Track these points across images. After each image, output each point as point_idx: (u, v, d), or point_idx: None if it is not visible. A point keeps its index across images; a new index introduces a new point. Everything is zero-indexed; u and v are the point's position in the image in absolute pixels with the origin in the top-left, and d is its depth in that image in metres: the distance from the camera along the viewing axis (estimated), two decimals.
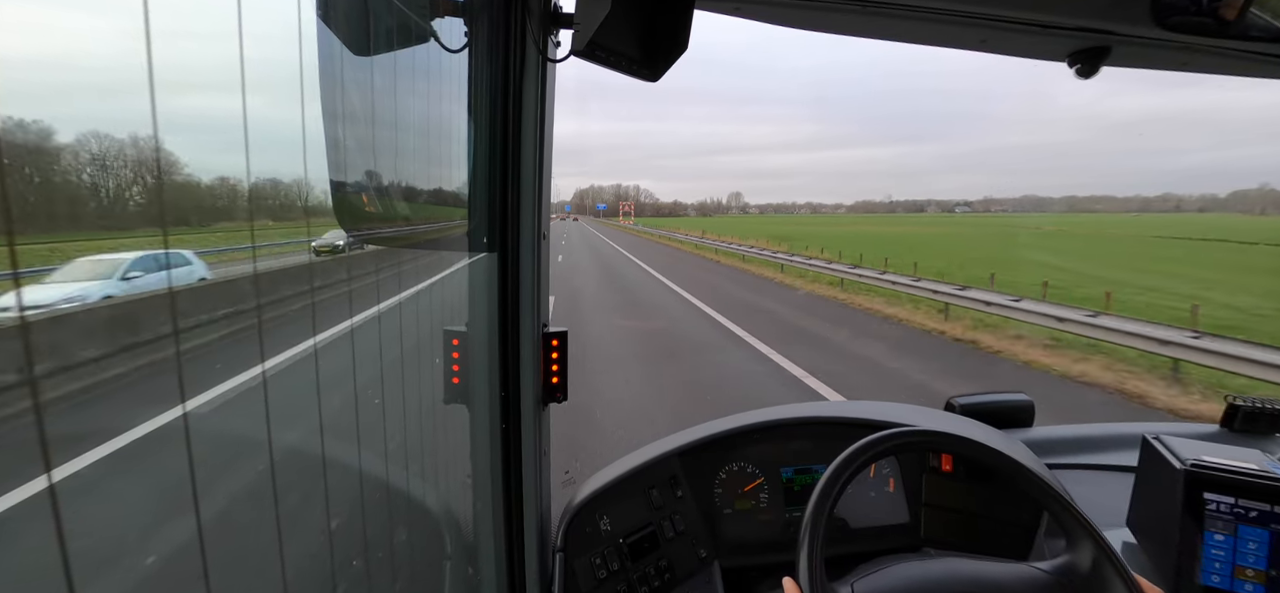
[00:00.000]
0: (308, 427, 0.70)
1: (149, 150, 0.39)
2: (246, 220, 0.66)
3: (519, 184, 0.90)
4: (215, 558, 0.47)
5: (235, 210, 2.07)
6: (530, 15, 0.84)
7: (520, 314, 0.93)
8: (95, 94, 2.68)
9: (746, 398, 5.41)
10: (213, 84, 0.56)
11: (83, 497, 2.48)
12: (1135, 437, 1.11)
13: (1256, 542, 0.87)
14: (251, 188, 0.54)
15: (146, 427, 2.93)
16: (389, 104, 0.69)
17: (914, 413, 1.27)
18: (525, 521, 0.97)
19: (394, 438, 0.86)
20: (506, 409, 0.94)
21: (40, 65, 1.07)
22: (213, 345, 3.42)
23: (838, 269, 14.05)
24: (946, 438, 0.77)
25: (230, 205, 1.96)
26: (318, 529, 0.67)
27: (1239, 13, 0.73)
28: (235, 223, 1.87)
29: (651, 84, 0.85)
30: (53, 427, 0.34)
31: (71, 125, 2.15)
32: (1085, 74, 0.98)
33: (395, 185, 0.75)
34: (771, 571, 1.16)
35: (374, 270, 0.97)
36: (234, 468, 2.17)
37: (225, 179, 1.79)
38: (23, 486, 2.09)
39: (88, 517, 2.35)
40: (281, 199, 1.07)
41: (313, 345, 0.75)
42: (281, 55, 0.51)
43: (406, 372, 0.92)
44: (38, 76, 0.73)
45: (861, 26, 0.96)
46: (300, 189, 0.71)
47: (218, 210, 2.11)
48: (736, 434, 1.19)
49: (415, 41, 0.73)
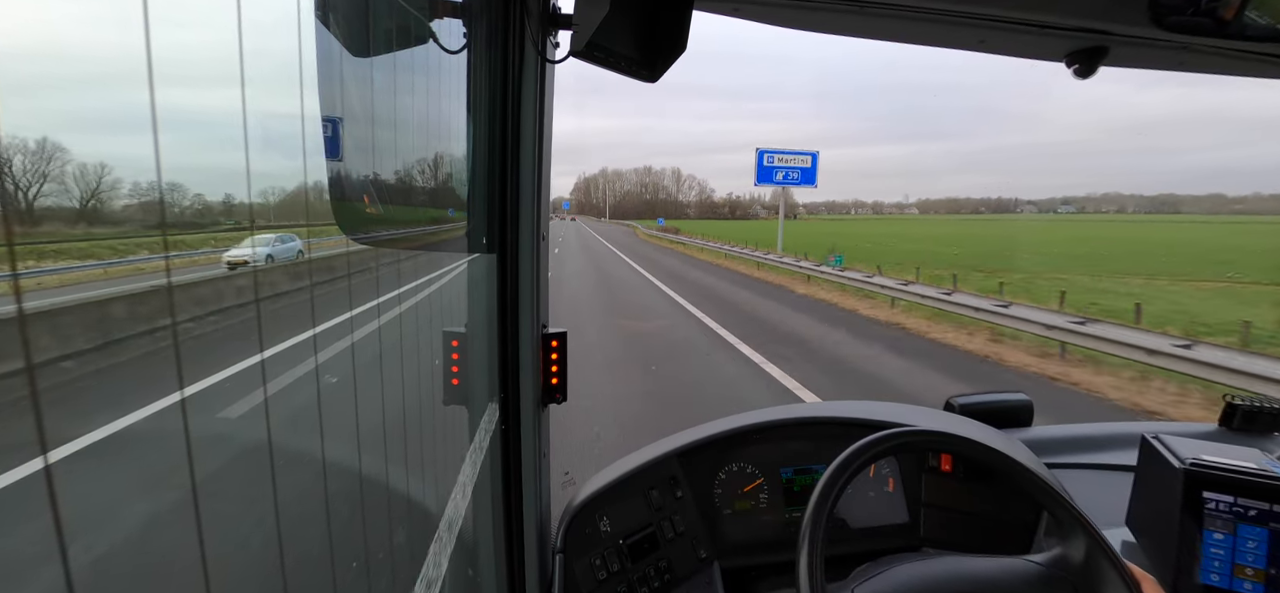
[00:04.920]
0: (307, 427, 0.70)
1: (149, 150, 0.39)
2: (246, 220, 0.66)
3: (518, 185, 0.90)
4: (213, 558, 0.47)
5: (234, 210, 2.07)
6: (529, 16, 0.85)
7: (519, 315, 0.93)
8: (95, 89, 2.70)
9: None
10: (212, 82, 0.56)
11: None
12: (1134, 436, 1.11)
13: (1256, 540, 0.87)
14: (250, 188, 0.54)
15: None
16: (388, 105, 0.69)
17: (913, 413, 1.27)
18: (525, 522, 0.97)
19: (393, 439, 0.86)
20: (506, 410, 0.94)
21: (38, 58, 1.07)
22: (212, 336, 3.48)
23: (1001, 317, 8.54)
24: (946, 438, 0.78)
25: (229, 205, 1.96)
26: (317, 530, 0.67)
27: (1237, 12, 0.73)
28: (232, 221, 1.88)
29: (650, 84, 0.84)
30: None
31: (77, 124, 2.16)
32: (1083, 74, 0.98)
33: (394, 186, 0.75)
34: (771, 571, 1.16)
35: (373, 271, 0.97)
36: (230, 469, 2.17)
37: (224, 180, 1.80)
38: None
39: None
40: (280, 199, 1.08)
41: (312, 346, 0.74)
42: (280, 55, 0.51)
43: (406, 373, 0.92)
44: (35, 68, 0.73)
45: (860, 27, 0.96)
46: (298, 189, 0.71)
47: (217, 210, 2.12)
48: (736, 435, 1.19)
49: (414, 42, 0.73)
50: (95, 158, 9.80)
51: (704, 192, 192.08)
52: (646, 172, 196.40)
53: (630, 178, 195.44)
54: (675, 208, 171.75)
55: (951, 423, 1.27)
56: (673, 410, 5.21)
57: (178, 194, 1.90)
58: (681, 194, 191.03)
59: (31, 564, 1.71)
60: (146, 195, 3.64)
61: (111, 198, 8.08)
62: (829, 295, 12.94)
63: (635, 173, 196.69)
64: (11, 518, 2.08)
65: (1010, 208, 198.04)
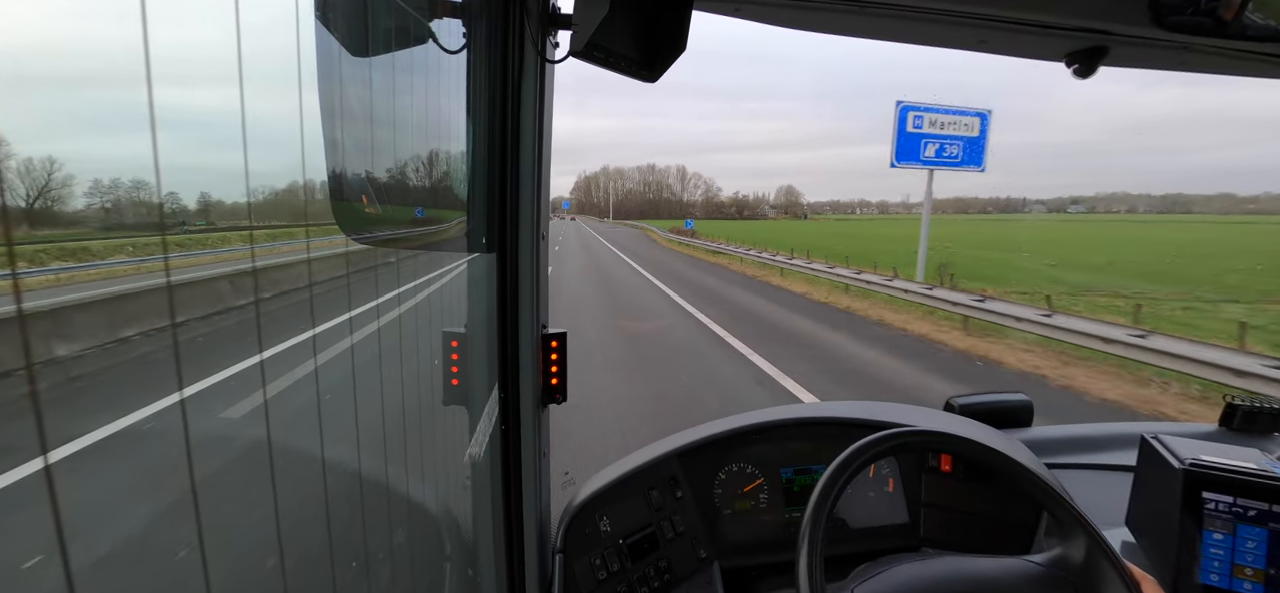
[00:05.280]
0: (307, 428, 0.70)
1: (148, 149, 0.39)
2: (245, 220, 0.66)
3: (518, 185, 0.90)
4: (213, 558, 0.47)
5: (235, 210, 2.06)
6: (528, 16, 0.84)
7: (519, 315, 0.93)
8: (96, 87, 2.70)
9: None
10: (211, 81, 0.56)
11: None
12: (1134, 436, 1.11)
13: (1255, 541, 0.87)
14: (249, 187, 0.54)
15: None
16: (388, 105, 0.69)
17: (913, 413, 1.27)
18: (525, 522, 0.97)
19: (393, 439, 0.86)
20: (506, 410, 0.94)
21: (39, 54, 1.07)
22: (212, 336, 3.46)
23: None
24: (946, 438, 0.78)
25: (230, 205, 1.96)
26: (317, 531, 0.66)
27: (1237, 12, 0.73)
28: (234, 221, 1.87)
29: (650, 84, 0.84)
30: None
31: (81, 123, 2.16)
32: (1083, 74, 0.98)
33: (394, 186, 0.74)
34: (771, 571, 1.16)
35: (373, 271, 0.97)
36: (230, 469, 2.17)
37: (222, 178, 1.79)
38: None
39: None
40: (279, 199, 1.08)
41: (312, 346, 0.74)
42: (279, 54, 0.51)
43: (405, 373, 0.92)
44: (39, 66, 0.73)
45: (860, 27, 0.96)
46: (297, 189, 0.71)
47: (216, 209, 2.12)
48: (736, 435, 1.19)
49: (414, 42, 0.73)
50: (93, 157, 9.75)
51: (711, 190, 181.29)
52: (650, 170, 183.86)
53: (633, 177, 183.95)
54: (680, 208, 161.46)
55: (951, 423, 1.27)
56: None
57: (177, 194, 1.90)
58: (686, 194, 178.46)
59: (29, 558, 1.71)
60: (146, 195, 3.66)
61: (111, 197, 8.08)
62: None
63: (639, 171, 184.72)
64: (34, 502, 2.07)
65: (1018, 208, 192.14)
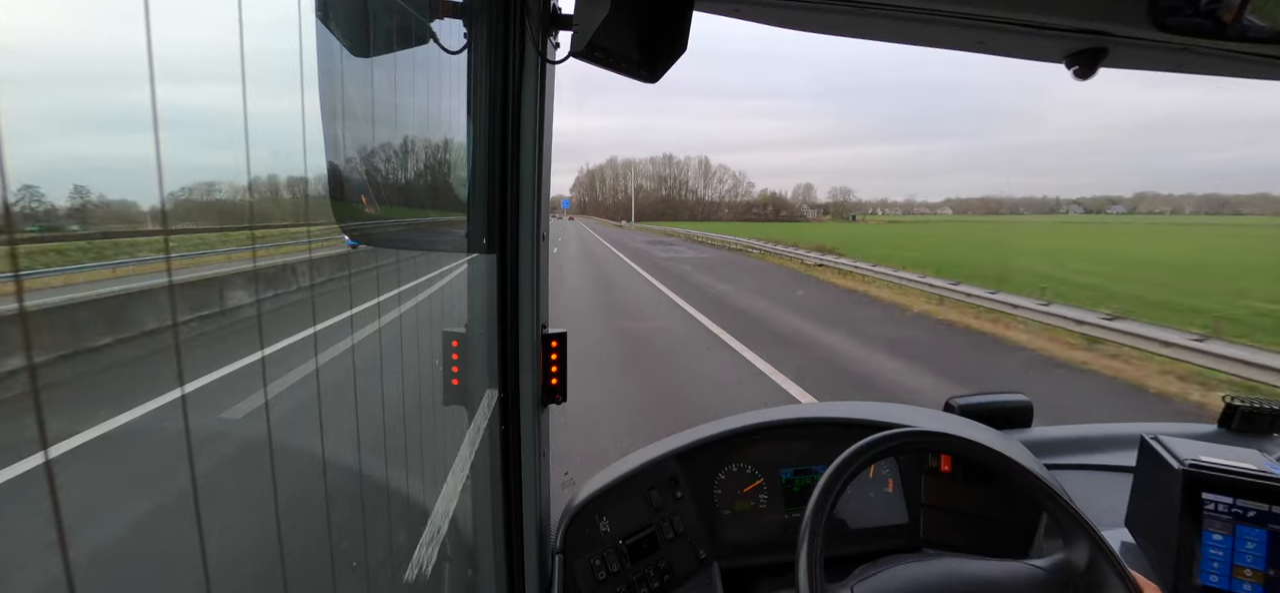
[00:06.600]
0: (307, 427, 0.70)
1: (149, 148, 0.39)
2: (246, 219, 0.66)
3: (518, 185, 0.90)
4: (213, 557, 0.47)
5: (236, 209, 2.06)
6: (529, 17, 0.84)
7: (519, 315, 0.93)
8: (94, 87, 2.70)
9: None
10: (212, 81, 0.56)
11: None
12: (1133, 437, 1.11)
13: (1254, 542, 0.87)
14: (249, 187, 0.54)
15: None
16: (388, 104, 0.69)
17: (913, 414, 1.27)
18: (524, 522, 0.97)
19: (393, 439, 0.86)
20: (506, 410, 0.94)
21: None
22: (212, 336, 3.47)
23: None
24: (945, 438, 0.78)
25: (232, 204, 1.96)
26: (316, 531, 0.66)
27: (1237, 14, 0.73)
28: (235, 221, 1.87)
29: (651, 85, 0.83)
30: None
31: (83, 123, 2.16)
32: (1083, 75, 0.98)
33: (394, 186, 0.75)
34: (771, 571, 1.16)
35: (373, 271, 0.97)
36: (230, 469, 2.16)
37: (220, 178, 1.79)
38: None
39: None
40: (278, 199, 1.08)
41: (313, 345, 0.74)
42: (280, 54, 0.51)
43: (406, 373, 0.92)
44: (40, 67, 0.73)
45: (860, 27, 0.96)
46: (298, 189, 0.71)
47: (216, 210, 2.12)
48: (735, 435, 1.19)
49: (414, 42, 0.73)
50: (93, 156, 9.74)
51: (739, 185, 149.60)
52: (667, 162, 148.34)
53: (646, 169, 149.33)
54: (704, 208, 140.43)
55: (951, 424, 1.27)
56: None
57: (177, 193, 1.90)
58: (709, 191, 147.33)
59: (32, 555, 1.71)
60: (145, 194, 3.66)
61: (109, 197, 8.05)
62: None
63: (652, 163, 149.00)
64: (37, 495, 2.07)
65: (1055, 208, 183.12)
